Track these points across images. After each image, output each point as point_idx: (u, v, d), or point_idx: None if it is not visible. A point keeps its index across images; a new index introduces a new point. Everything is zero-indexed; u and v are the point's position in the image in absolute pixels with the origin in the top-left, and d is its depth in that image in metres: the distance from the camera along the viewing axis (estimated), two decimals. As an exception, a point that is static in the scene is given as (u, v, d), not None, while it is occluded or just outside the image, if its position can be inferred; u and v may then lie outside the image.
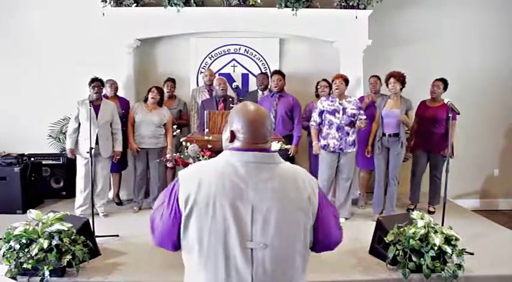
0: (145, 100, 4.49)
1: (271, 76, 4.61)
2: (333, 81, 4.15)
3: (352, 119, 4.06)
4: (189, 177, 1.21)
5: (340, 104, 4.06)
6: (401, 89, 4.11)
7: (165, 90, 4.73)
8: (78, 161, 4.23)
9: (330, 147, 4.08)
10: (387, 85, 4.15)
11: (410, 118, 4.17)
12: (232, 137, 1.26)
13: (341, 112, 4.04)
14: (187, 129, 4.89)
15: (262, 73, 4.98)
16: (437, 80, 4.41)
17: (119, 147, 4.32)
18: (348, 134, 4.06)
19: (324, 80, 4.65)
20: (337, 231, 1.33)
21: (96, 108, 4.13)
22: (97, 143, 4.10)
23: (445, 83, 4.39)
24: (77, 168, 4.25)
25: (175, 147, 4.70)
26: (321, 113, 4.14)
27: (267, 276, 1.15)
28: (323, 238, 1.28)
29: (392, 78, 4.06)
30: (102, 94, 4.34)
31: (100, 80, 4.20)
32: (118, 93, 4.73)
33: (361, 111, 4.11)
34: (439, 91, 4.37)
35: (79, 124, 4.15)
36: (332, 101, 4.10)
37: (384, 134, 4.15)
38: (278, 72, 4.57)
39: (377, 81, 4.64)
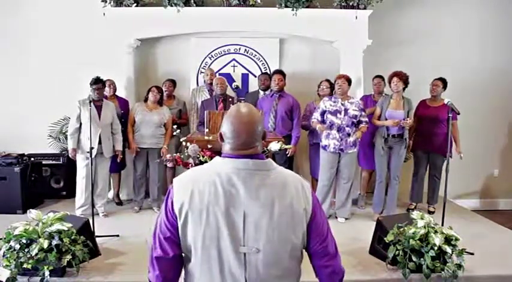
0: (146, 100, 4.50)
1: (272, 76, 4.61)
2: (335, 81, 4.14)
3: (354, 120, 4.05)
4: (183, 185, 1.24)
5: (342, 104, 4.05)
6: (403, 89, 4.11)
7: (164, 89, 4.73)
8: (79, 161, 4.22)
9: (331, 148, 4.08)
10: (390, 84, 4.15)
11: (412, 118, 4.17)
12: (221, 138, 1.30)
13: (343, 113, 4.03)
14: (186, 129, 4.89)
15: (264, 73, 4.95)
16: (436, 79, 4.42)
17: (119, 146, 4.33)
18: (348, 135, 4.05)
19: (327, 80, 4.62)
20: (332, 242, 1.33)
21: (98, 109, 4.13)
22: (100, 143, 4.11)
23: (444, 82, 4.39)
24: (78, 169, 4.25)
25: (175, 147, 4.70)
26: (323, 113, 4.12)
27: (259, 278, 1.19)
28: (317, 244, 1.28)
29: (396, 77, 4.06)
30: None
31: (102, 82, 4.16)
32: (118, 94, 4.73)
33: (363, 113, 4.11)
34: (438, 90, 4.38)
35: (80, 124, 4.15)
36: (334, 102, 4.09)
37: (388, 135, 4.14)
38: (279, 71, 4.57)
39: (381, 82, 4.63)
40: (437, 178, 4.50)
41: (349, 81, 4.10)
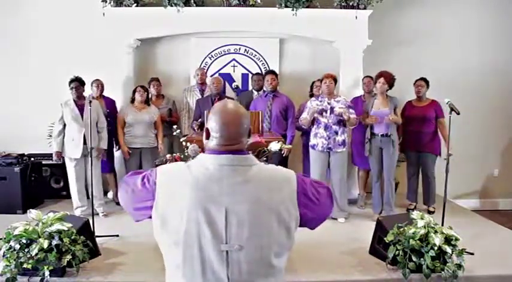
0: (132, 101, 4.49)
1: (264, 76, 4.62)
2: (322, 80, 4.15)
3: (340, 118, 4.04)
4: (166, 180, 1.22)
5: (328, 103, 4.07)
6: (387, 90, 4.12)
7: (152, 89, 4.73)
8: (67, 163, 4.21)
9: (319, 147, 4.09)
10: (375, 83, 4.16)
11: (398, 115, 4.18)
12: (208, 134, 1.28)
13: (328, 111, 4.05)
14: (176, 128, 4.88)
15: (257, 74, 4.93)
16: (419, 79, 4.49)
17: (103, 145, 4.29)
18: (336, 133, 4.06)
19: (319, 80, 4.63)
20: (326, 210, 1.30)
21: (80, 108, 4.10)
22: (85, 143, 4.06)
23: (426, 81, 4.46)
24: (68, 171, 4.23)
25: (169, 146, 4.68)
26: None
27: (242, 276, 1.17)
28: (310, 219, 1.26)
29: (383, 78, 4.08)
30: (89, 94, 4.33)
31: (79, 80, 4.14)
32: (118, 94, 4.73)
33: (351, 110, 4.08)
34: (423, 90, 4.45)
35: (64, 126, 4.14)
36: (321, 101, 4.11)
37: (374, 135, 4.15)
38: (271, 72, 4.59)
39: (370, 81, 4.64)
40: (429, 177, 4.50)
41: (335, 80, 4.13)
